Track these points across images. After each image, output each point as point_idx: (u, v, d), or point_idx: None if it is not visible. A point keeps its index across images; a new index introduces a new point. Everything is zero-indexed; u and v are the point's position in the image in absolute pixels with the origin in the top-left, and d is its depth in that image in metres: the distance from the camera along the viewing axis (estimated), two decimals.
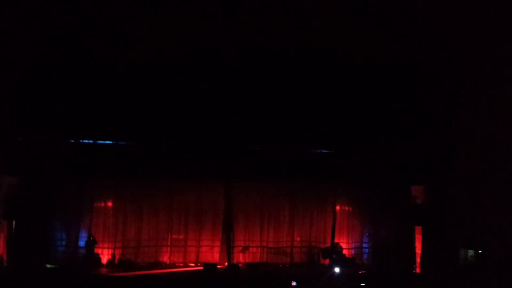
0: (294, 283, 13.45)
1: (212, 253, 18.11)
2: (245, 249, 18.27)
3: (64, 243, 17.16)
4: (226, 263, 17.57)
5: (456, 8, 13.12)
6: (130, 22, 14.32)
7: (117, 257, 17.38)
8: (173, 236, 18.09)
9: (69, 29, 14.27)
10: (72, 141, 16.53)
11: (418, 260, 17.62)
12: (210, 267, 16.54)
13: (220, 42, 14.51)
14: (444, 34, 13.86)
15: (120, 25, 14.31)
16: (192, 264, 17.82)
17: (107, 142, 16.83)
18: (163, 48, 15.15)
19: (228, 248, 17.90)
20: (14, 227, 16.18)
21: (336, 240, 18.63)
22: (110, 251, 17.43)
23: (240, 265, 17.39)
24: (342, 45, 14.02)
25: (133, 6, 14.12)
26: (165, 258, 17.89)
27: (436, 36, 13.91)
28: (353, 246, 18.90)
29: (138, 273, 16.14)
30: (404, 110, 16.24)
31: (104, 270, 16.60)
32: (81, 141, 16.58)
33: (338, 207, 19.11)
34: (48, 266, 16.20)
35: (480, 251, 16.17)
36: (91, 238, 17.14)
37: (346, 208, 19.32)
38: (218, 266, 17.06)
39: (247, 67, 15.61)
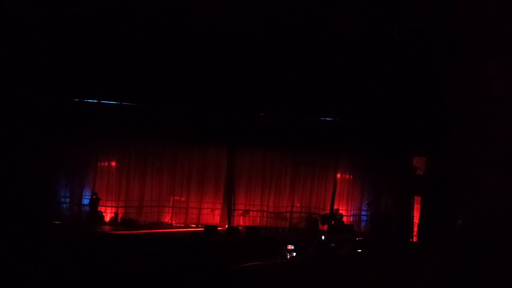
0: (291, 247, 13.68)
1: (213, 215, 18.45)
2: (245, 212, 18.59)
3: (68, 200, 17.53)
4: (227, 226, 17.90)
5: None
6: None
7: (120, 215, 17.75)
8: (175, 198, 18.42)
9: None
10: (76, 100, 16.68)
11: (415, 229, 17.88)
12: (211, 228, 16.85)
13: (226, 6, 14.45)
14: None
15: None
16: (193, 225, 18.16)
17: (112, 102, 16.96)
18: (171, 10, 15.08)
19: (229, 211, 18.20)
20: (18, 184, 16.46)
21: (335, 207, 18.91)
22: (113, 209, 17.78)
23: (240, 228, 17.72)
24: (344, 13, 13.96)
25: None
26: (167, 219, 18.26)
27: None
28: (352, 214, 19.18)
29: (140, 232, 16.50)
30: (408, 81, 16.21)
31: (107, 228, 16.96)
32: (85, 100, 16.72)
33: (339, 175, 19.30)
34: (52, 222, 16.54)
35: (477, 222, 16.33)
36: (94, 197, 17.46)
37: (347, 176, 19.51)
38: (219, 228, 17.38)
39: (254, 32, 15.54)
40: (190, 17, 15.15)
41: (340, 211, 18.93)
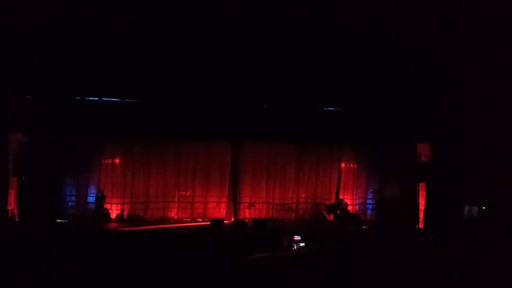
0: (298, 238, 13.72)
1: (219, 209, 18.46)
2: (251, 205, 18.61)
3: (73, 198, 17.56)
4: (233, 219, 17.93)
5: None
6: None
7: (125, 212, 17.78)
8: (181, 193, 18.43)
9: None
10: (78, 98, 16.65)
11: (421, 216, 17.86)
12: (217, 222, 16.88)
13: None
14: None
15: None
16: (200, 220, 18.18)
17: (114, 99, 16.93)
18: (172, 6, 15.04)
19: (234, 204, 18.22)
20: (24, 184, 16.52)
21: (340, 197, 18.90)
22: (119, 206, 17.80)
23: (246, 220, 17.75)
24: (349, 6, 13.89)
25: None
26: (173, 214, 18.29)
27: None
28: (357, 203, 19.17)
29: (146, 227, 16.55)
30: (411, 68, 16.14)
31: (113, 225, 17.01)
32: (86, 98, 16.68)
33: (343, 165, 19.27)
34: (58, 221, 16.60)
35: (483, 208, 16.31)
36: (99, 194, 17.50)
37: (351, 165, 19.46)
38: (225, 222, 17.40)
39: (256, 24, 15.46)
40: (191, 13, 15.10)
41: (346, 200, 18.92)
